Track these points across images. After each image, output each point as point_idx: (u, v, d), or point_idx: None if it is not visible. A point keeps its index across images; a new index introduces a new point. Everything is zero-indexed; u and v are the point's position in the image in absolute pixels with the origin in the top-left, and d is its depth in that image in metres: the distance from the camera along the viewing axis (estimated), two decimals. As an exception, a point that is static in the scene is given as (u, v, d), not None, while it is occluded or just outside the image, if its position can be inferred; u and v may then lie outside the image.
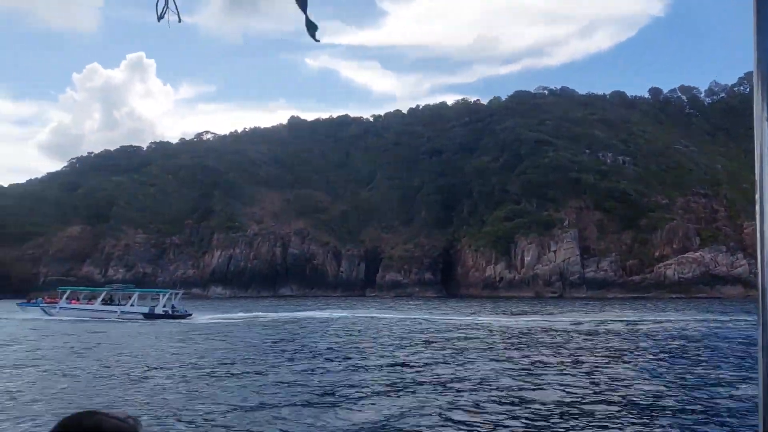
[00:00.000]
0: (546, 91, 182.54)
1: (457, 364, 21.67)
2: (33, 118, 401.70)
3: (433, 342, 30.09)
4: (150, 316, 50.55)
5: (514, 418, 13.69)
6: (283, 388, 17.78)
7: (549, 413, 14.06)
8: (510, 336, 32.50)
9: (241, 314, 55.09)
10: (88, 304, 55.65)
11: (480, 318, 48.15)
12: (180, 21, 1.90)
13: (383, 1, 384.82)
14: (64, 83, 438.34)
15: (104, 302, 54.80)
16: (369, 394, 16.66)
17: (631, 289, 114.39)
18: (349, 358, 23.72)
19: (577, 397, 15.68)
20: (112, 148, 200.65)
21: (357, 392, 16.89)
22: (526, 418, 13.65)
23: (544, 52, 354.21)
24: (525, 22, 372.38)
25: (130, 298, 54.98)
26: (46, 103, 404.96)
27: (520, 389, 17.14)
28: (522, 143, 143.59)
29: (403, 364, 21.59)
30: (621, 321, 44.03)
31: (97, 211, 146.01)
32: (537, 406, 14.77)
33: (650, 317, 48.08)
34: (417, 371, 20.39)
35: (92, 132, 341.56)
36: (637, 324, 41.12)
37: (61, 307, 54.20)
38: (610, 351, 26.14)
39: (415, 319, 46.63)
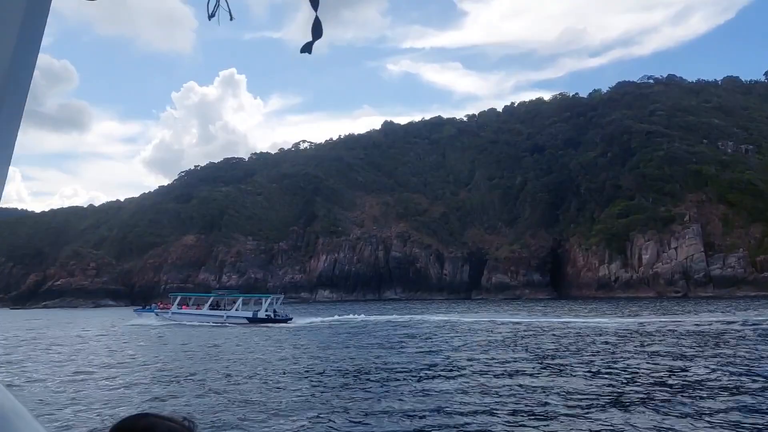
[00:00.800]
0: (651, 80, 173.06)
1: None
2: (138, 136, 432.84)
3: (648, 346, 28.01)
4: (253, 320, 51.48)
5: None
6: (368, 401, 15.94)
7: None
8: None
9: (337, 317, 55.66)
10: (196, 309, 57.82)
11: (646, 319, 45.20)
12: (232, 19, 1.75)
13: (463, 1, 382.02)
14: (164, 102, 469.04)
15: (211, 307, 56.72)
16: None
17: (764, 286, 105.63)
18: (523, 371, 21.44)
19: None
20: (215, 161, 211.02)
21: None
22: None
23: (635, 41, 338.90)
24: (613, 12, 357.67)
25: (234, 302, 56.79)
26: (149, 121, 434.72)
27: None
28: (632, 136, 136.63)
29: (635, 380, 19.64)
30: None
31: (210, 221, 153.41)
32: None
33: None
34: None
35: (191, 146, 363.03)
36: None
37: (173, 313, 57.05)
38: None
39: (567, 322, 44.48)
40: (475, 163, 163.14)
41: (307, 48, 1.72)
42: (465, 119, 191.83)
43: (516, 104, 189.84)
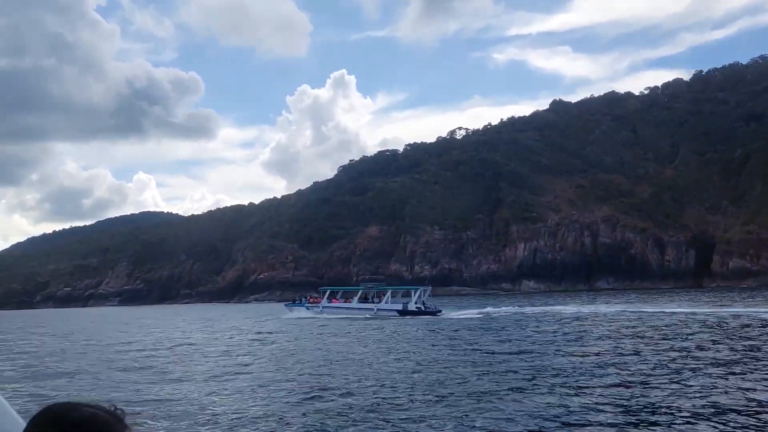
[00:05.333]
0: None
1: None
2: (255, 140, 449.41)
3: None
4: (403, 312, 51.24)
5: None
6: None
7: None
8: None
9: (490, 309, 53.68)
10: (345, 302, 57.63)
11: None
12: None
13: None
14: (280, 106, 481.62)
15: (360, 300, 56.59)
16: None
17: None
18: None
19: None
20: (368, 155, 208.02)
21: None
22: None
23: (764, 8, 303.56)
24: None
25: (383, 295, 56.10)
26: (266, 126, 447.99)
27: None
28: None
29: None
30: None
31: (391, 211, 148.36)
32: None
33: None
34: None
35: (305, 148, 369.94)
36: None
37: (323, 306, 56.80)
38: None
39: None
40: (675, 137, 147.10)
41: None
42: (646, 92, 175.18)
43: (705, 72, 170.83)
